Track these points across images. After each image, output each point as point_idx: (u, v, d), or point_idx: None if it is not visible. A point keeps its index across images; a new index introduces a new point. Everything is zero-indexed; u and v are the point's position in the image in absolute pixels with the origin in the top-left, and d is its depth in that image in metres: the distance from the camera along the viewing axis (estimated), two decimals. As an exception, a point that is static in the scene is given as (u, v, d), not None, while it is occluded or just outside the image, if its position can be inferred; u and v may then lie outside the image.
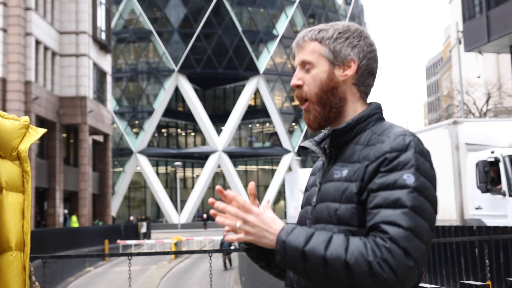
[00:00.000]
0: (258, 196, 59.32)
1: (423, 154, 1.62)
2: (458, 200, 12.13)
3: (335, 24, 1.78)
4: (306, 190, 1.89)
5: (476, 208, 11.78)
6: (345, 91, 1.75)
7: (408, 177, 1.56)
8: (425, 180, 1.58)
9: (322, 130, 1.84)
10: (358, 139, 1.71)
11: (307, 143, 1.82)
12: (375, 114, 1.75)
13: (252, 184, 1.72)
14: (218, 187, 1.70)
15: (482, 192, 11.54)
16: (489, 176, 11.42)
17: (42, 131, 1.93)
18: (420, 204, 1.55)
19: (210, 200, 1.68)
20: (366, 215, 1.60)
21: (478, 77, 33.03)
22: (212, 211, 1.67)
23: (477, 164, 11.70)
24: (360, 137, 1.71)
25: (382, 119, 1.77)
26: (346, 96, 1.75)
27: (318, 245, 1.53)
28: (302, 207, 1.85)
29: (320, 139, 1.84)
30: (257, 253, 1.78)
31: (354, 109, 1.75)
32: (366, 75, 1.76)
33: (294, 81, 1.77)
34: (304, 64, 1.76)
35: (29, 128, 1.92)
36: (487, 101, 38.53)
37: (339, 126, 1.73)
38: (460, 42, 31.18)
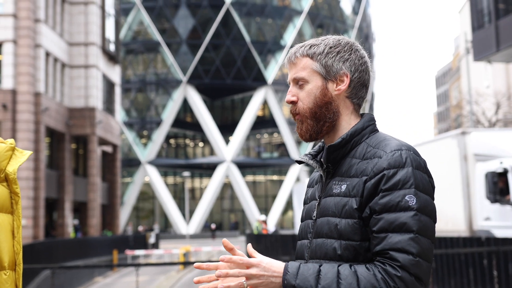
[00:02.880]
0: (266, 206, 59.34)
1: (421, 168, 1.65)
2: (467, 211, 12.06)
3: (325, 39, 1.81)
4: (305, 202, 1.90)
5: (485, 219, 11.71)
6: (338, 105, 1.77)
7: (410, 198, 1.58)
8: (425, 197, 1.61)
9: (317, 142, 1.86)
10: (354, 152, 1.73)
11: (303, 157, 1.84)
12: (368, 126, 1.77)
13: (225, 241, 1.69)
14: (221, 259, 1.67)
15: (491, 202, 11.48)
16: (498, 187, 11.36)
17: (28, 153, 1.95)
18: (424, 224, 1.58)
19: (195, 279, 1.69)
20: (371, 238, 1.62)
21: (487, 87, 32.93)
22: (209, 285, 1.67)
23: (486, 175, 11.64)
24: (356, 150, 1.73)
25: (376, 130, 1.79)
26: (339, 109, 1.77)
27: (330, 286, 1.55)
28: (302, 220, 1.86)
29: (316, 152, 1.86)
30: None
31: (348, 122, 1.78)
32: (359, 87, 1.78)
33: (289, 97, 1.79)
34: (297, 81, 1.78)
35: (15, 150, 1.94)
36: (496, 111, 38.39)
37: (334, 142, 1.74)
38: (468, 52, 31.14)
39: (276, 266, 1.61)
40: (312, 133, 1.77)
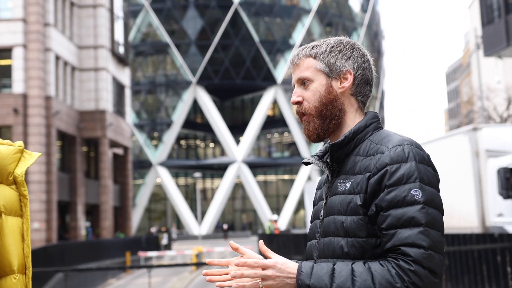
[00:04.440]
0: (278, 206, 59.32)
1: (424, 161, 1.65)
2: (479, 207, 11.98)
3: (327, 40, 1.85)
4: (314, 204, 1.92)
5: (498, 215, 11.62)
6: (343, 103, 1.79)
7: (416, 192, 1.59)
8: (431, 190, 1.62)
9: (324, 141, 1.87)
10: (358, 150, 1.75)
11: (310, 158, 1.86)
12: (372, 123, 1.79)
13: (231, 243, 1.69)
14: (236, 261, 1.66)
15: (504, 198, 11.40)
16: (510, 183, 11.28)
17: (37, 154, 1.95)
18: (432, 217, 1.59)
19: (204, 271, 1.69)
20: (380, 235, 1.63)
21: (498, 82, 32.71)
22: (225, 283, 1.68)
23: (498, 171, 11.56)
24: (360, 147, 1.75)
25: (380, 127, 1.81)
26: (345, 107, 1.79)
27: (345, 283, 1.56)
28: (311, 221, 1.88)
29: (322, 153, 1.88)
30: None
31: (352, 120, 1.80)
32: (363, 84, 1.81)
33: (294, 98, 1.82)
34: (301, 81, 1.81)
35: (24, 153, 1.94)
36: (507, 106, 38.13)
37: (337, 140, 1.76)
38: (479, 47, 30.94)
39: (290, 266, 1.62)
40: (320, 131, 1.79)
